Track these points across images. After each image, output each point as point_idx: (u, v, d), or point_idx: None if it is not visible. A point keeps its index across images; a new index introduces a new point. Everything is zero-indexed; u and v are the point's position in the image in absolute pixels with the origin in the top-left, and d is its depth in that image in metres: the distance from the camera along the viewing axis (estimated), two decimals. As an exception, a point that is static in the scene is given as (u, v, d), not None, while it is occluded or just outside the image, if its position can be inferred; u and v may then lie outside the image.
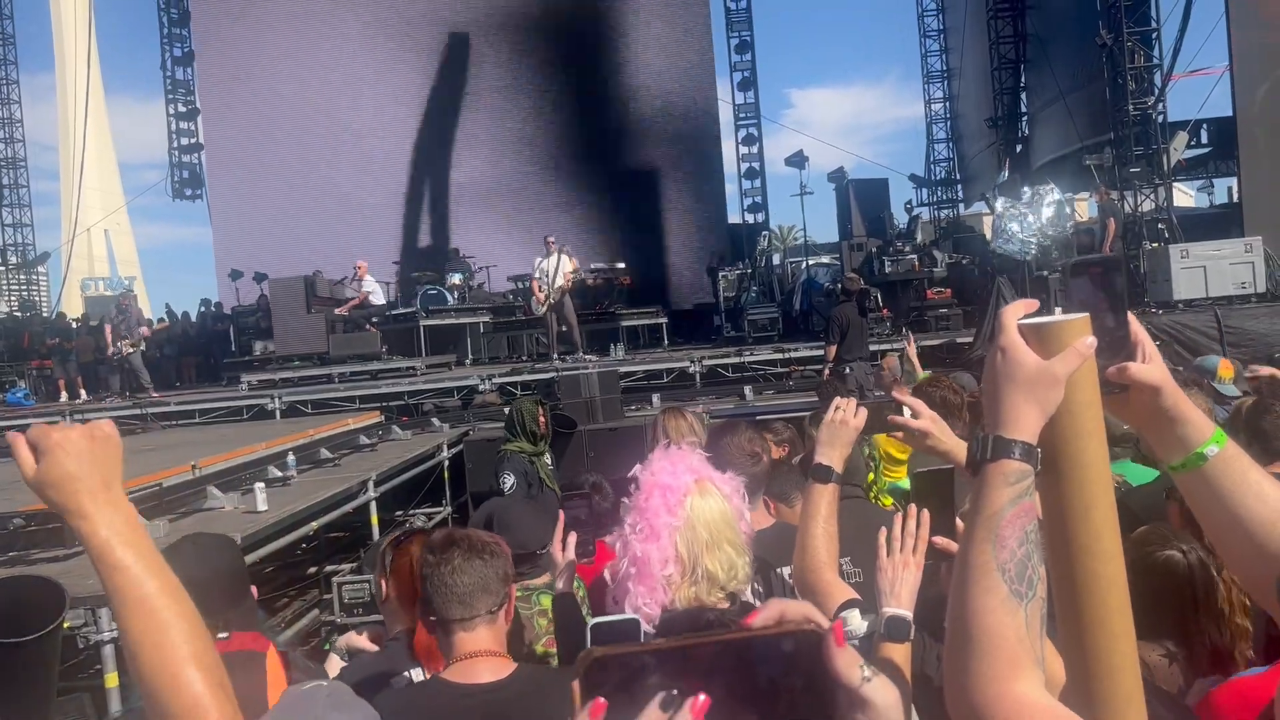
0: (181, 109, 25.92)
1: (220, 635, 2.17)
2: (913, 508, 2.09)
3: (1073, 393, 1.11)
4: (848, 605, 2.02)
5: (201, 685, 1.16)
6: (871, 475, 4.97)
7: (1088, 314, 1.13)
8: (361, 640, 2.92)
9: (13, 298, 26.03)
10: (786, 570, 2.54)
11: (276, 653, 2.23)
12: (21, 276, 26.49)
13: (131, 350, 14.83)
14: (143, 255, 78.06)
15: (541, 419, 6.56)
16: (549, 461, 6.78)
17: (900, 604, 2.02)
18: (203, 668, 1.17)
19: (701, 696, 0.69)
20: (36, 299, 27.03)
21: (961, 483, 2.34)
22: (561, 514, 2.80)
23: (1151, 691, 1.20)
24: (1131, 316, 1.21)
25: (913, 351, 6.83)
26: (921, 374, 5.93)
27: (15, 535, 4.77)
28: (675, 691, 0.70)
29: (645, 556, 2.09)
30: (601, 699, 0.71)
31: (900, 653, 1.82)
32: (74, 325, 21.04)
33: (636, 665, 0.72)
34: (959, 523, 2.16)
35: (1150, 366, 1.21)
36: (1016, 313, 1.14)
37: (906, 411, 2.29)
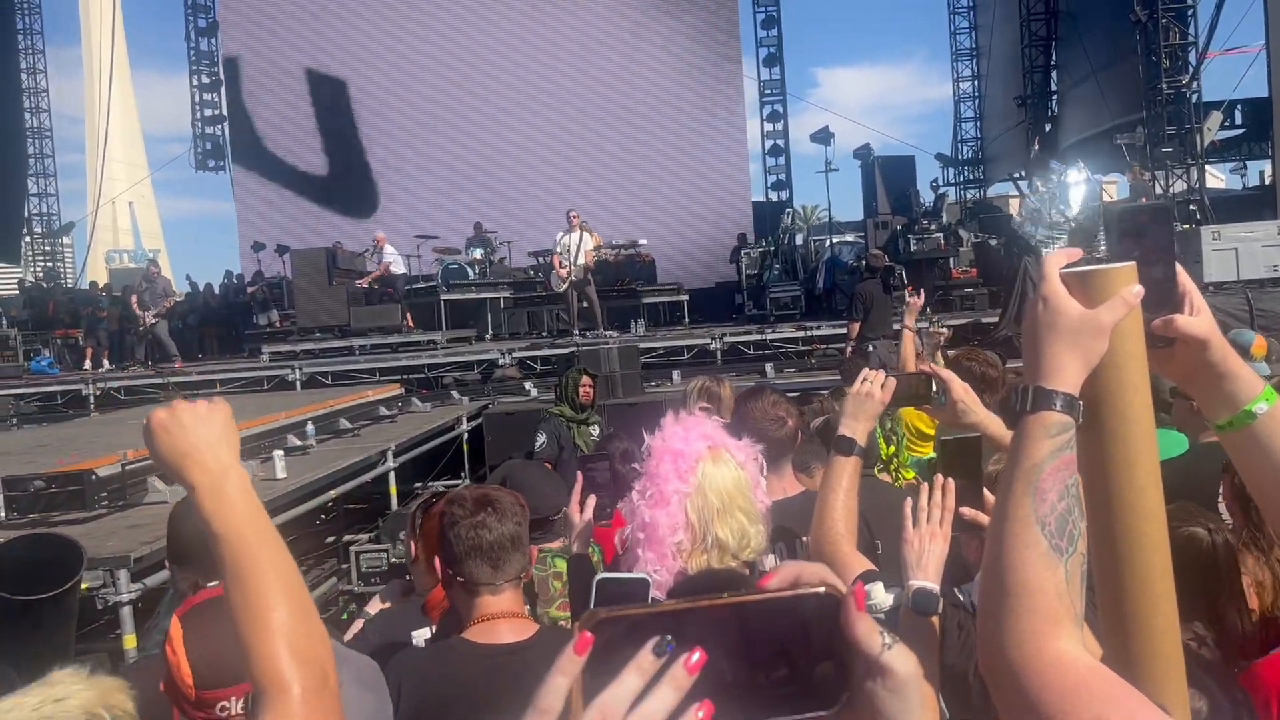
0: (205, 80, 26.02)
1: (209, 584, 2.14)
2: (939, 477, 2.04)
3: (1117, 344, 1.05)
4: (867, 577, 1.98)
5: (287, 659, 1.18)
6: (893, 449, 4.92)
7: (1134, 262, 1.07)
8: (374, 606, 2.90)
9: (38, 267, 26.26)
10: (803, 540, 2.49)
11: None
12: (46, 246, 26.70)
13: (156, 320, 14.90)
14: (167, 227, 78.63)
15: (584, 389, 6.83)
16: (595, 432, 6.91)
17: (927, 576, 1.97)
18: (292, 643, 1.19)
19: (696, 654, 0.64)
20: (61, 269, 27.25)
21: (988, 450, 2.29)
22: (580, 475, 2.77)
23: (1193, 658, 1.15)
24: (1179, 267, 1.15)
25: (913, 316, 6.68)
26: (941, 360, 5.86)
27: (37, 497, 4.80)
28: (670, 639, 0.65)
29: (654, 522, 2.05)
30: (589, 633, 0.66)
31: (927, 627, 1.78)
32: (103, 295, 21.24)
33: (642, 627, 0.66)
34: (987, 493, 2.11)
35: (1198, 319, 1.15)
36: (1059, 261, 1.09)
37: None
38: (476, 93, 24.64)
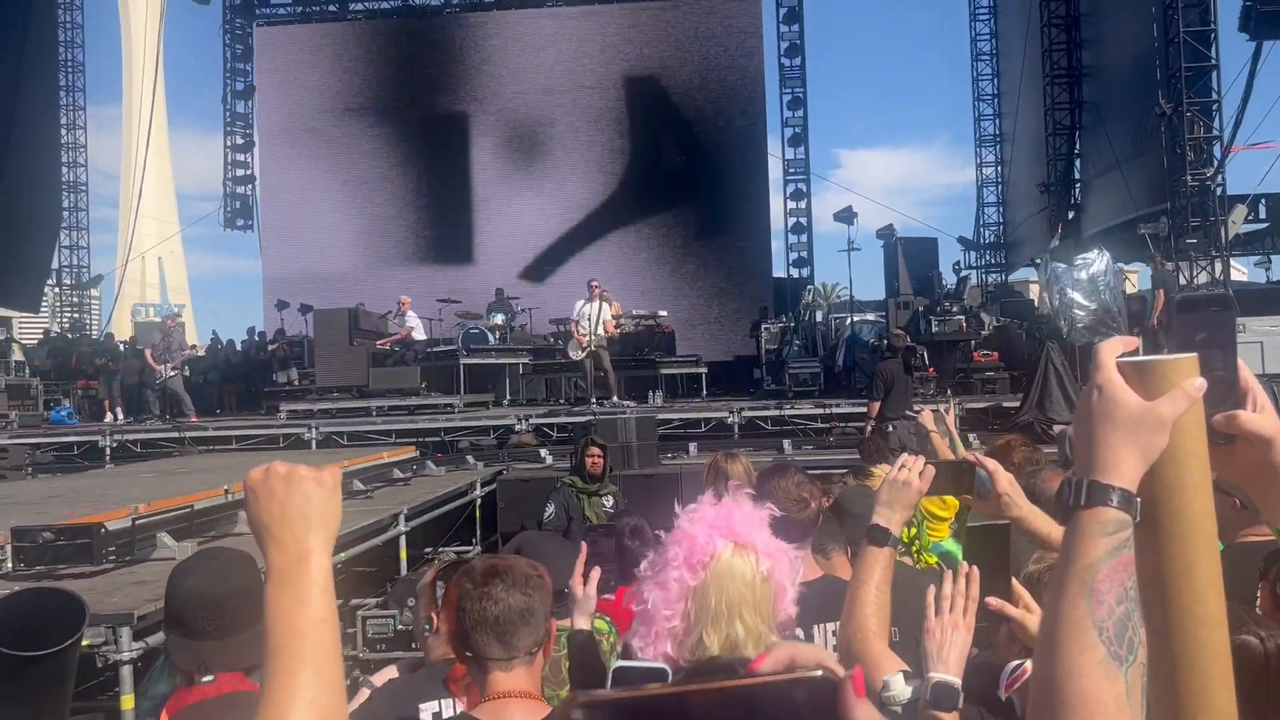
0: (239, 141, 26.61)
1: (205, 679, 2.07)
2: (963, 565, 1.97)
3: (1177, 439, 1.00)
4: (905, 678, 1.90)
5: None
6: (914, 530, 4.79)
7: (1196, 354, 1.03)
8: (387, 673, 2.81)
9: (64, 318, 26.59)
10: (832, 627, 2.40)
11: None
12: (74, 297, 27.07)
13: (172, 374, 14.98)
14: (193, 283, 79.70)
15: (591, 459, 6.71)
16: (608, 503, 6.82)
17: (948, 669, 1.89)
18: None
19: None
20: (87, 321, 27.58)
21: (1028, 546, 2.21)
22: (584, 546, 2.69)
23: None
24: (1241, 362, 1.10)
25: (951, 420, 6.60)
26: (959, 443, 5.73)
27: (45, 549, 4.75)
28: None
29: (652, 605, 1.97)
30: None
31: None
32: (121, 347, 21.41)
33: (629, 713, 0.62)
34: (1016, 584, 2.03)
35: (1263, 416, 1.09)
36: (1114, 349, 1.04)
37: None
38: (501, 163, 25.04)
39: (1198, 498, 1.01)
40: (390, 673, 2.85)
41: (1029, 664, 2.09)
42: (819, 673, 0.68)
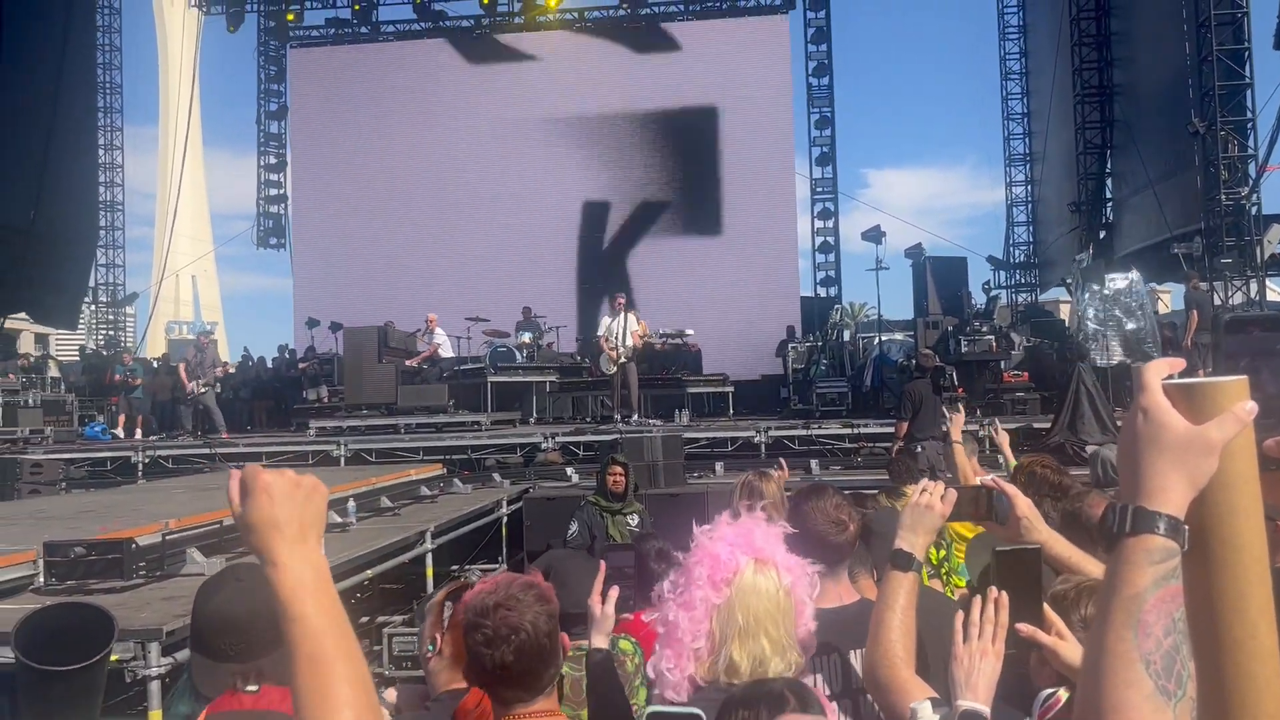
0: (272, 160, 26.96)
1: (249, 688, 2.06)
2: (992, 590, 1.93)
3: (1227, 464, 0.97)
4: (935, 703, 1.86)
5: None
6: (942, 553, 4.72)
7: (1246, 376, 0.99)
8: (389, 696, 2.76)
9: (100, 336, 26.98)
10: (858, 653, 2.36)
11: None
12: (110, 315, 27.46)
13: (204, 390, 15.10)
14: (226, 301, 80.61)
15: (612, 477, 6.70)
16: (633, 521, 6.81)
17: (976, 697, 1.85)
18: None
19: None
20: (123, 338, 27.96)
21: (1048, 571, 2.17)
22: (603, 565, 2.66)
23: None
24: None
25: (1005, 441, 6.51)
26: (1012, 462, 5.68)
27: (76, 564, 4.78)
28: None
29: (675, 623, 1.95)
30: None
31: None
32: (154, 364, 21.66)
33: None
34: (1048, 609, 1.99)
35: None
36: (1160, 371, 1.01)
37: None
38: (530, 182, 25.17)
39: (1249, 524, 0.98)
40: (390, 696, 2.81)
41: (1062, 692, 2.04)
42: None
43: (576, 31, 25.69)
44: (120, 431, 16.76)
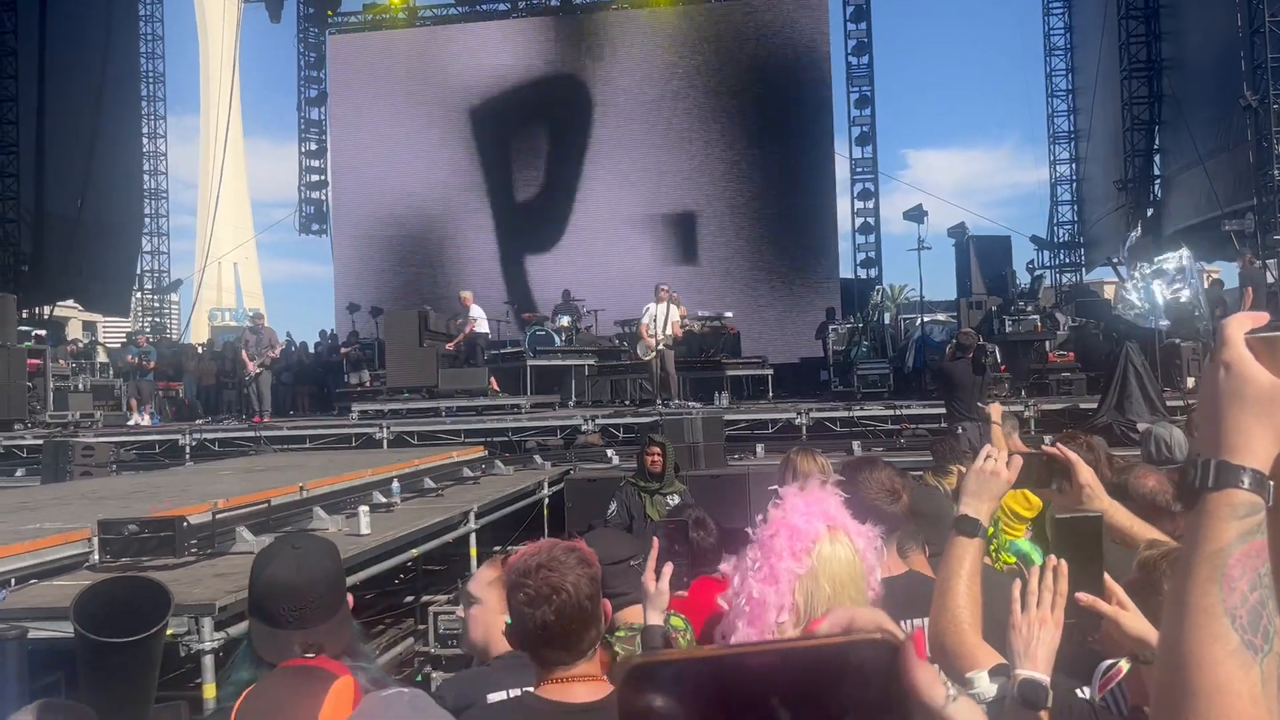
0: (313, 147, 27.19)
1: (307, 656, 2.09)
2: (1050, 558, 1.90)
3: None
4: (996, 671, 1.83)
5: None
6: (990, 529, 4.67)
7: None
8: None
9: (146, 322, 27.47)
10: (918, 622, 2.34)
11: (355, 685, 2.12)
12: (156, 302, 27.94)
13: (260, 370, 15.28)
14: (267, 288, 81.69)
15: (649, 457, 6.70)
16: (672, 502, 6.83)
17: (1036, 666, 1.82)
18: None
19: None
20: (168, 324, 28.46)
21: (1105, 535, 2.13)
22: (655, 541, 2.66)
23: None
24: None
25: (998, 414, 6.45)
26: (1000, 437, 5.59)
27: (130, 541, 4.86)
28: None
29: (762, 599, 1.94)
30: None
31: None
32: (199, 349, 22.03)
33: (684, 674, 0.62)
34: (1108, 578, 1.95)
35: None
36: (1243, 325, 0.98)
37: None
38: (569, 166, 25.18)
39: (1338, 480, 0.95)
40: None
41: (1124, 663, 2.01)
42: (879, 635, 0.66)
43: (611, 10, 25.59)
44: (138, 416, 16.83)
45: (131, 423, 16.43)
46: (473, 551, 7.48)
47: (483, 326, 16.80)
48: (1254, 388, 0.94)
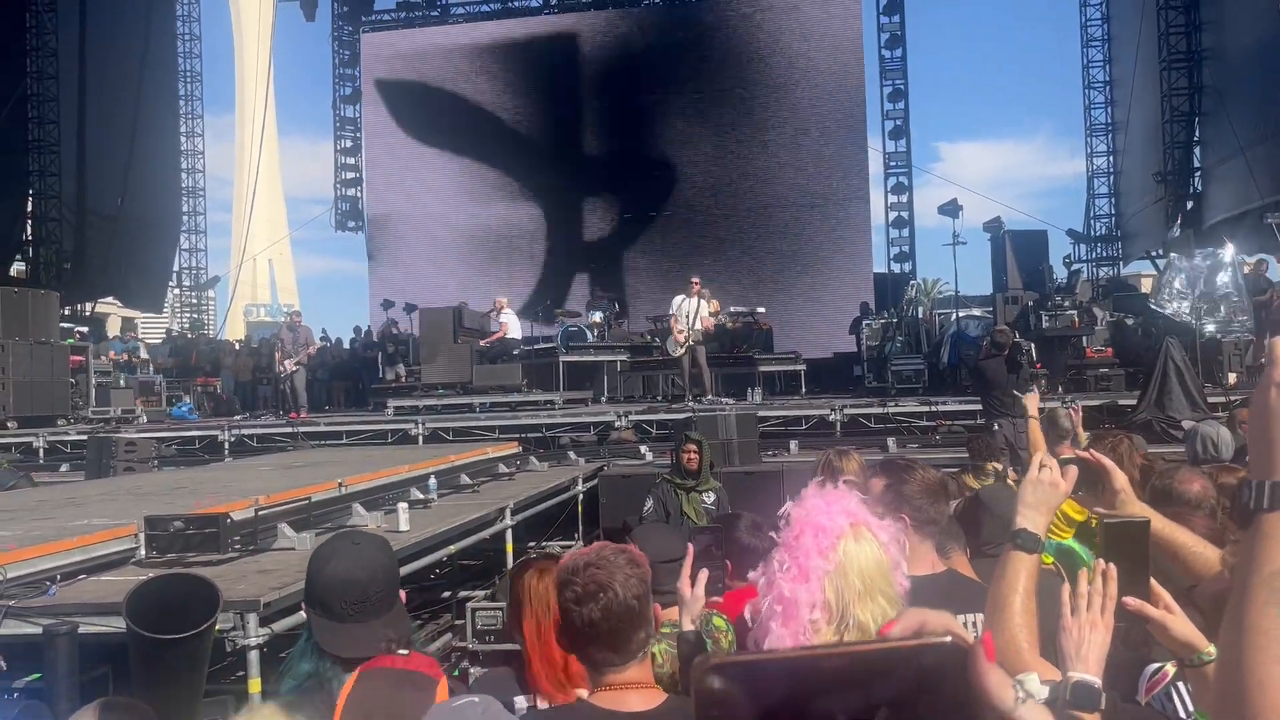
0: (347, 144, 27.41)
1: (400, 651, 2.16)
2: (1099, 562, 1.89)
3: None
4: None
5: None
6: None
7: None
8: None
9: (184, 318, 27.84)
10: (970, 619, 2.33)
11: (446, 683, 2.20)
12: (193, 299, 28.31)
13: (296, 368, 15.45)
14: (301, 284, 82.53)
15: (686, 454, 6.70)
16: (709, 499, 6.83)
17: (1088, 668, 1.81)
18: None
19: None
20: (205, 320, 28.83)
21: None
22: (690, 547, 2.67)
23: None
24: None
25: (1078, 419, 6.41)
26: (1083, 441, 5.58)
27: (175, 537, 4.94)
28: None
29: (793, 598, 1.95)
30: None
31: None
32: (236, 345, 22.32)
33: (759, 676, 0.64)
34: (1154, 584, 1.95)
35: None
36: None
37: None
38: (599, 163, 25.21)
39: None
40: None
41: (1169, 667, 2.00)
42: (949, 639, 0.67)
43: (641, 7, 25.58)
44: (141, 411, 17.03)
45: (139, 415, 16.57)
46: (509, 548, 7.53)
47: (515, 331, 16.89)
48: None
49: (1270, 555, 0.92)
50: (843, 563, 1.92)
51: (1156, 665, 2.00)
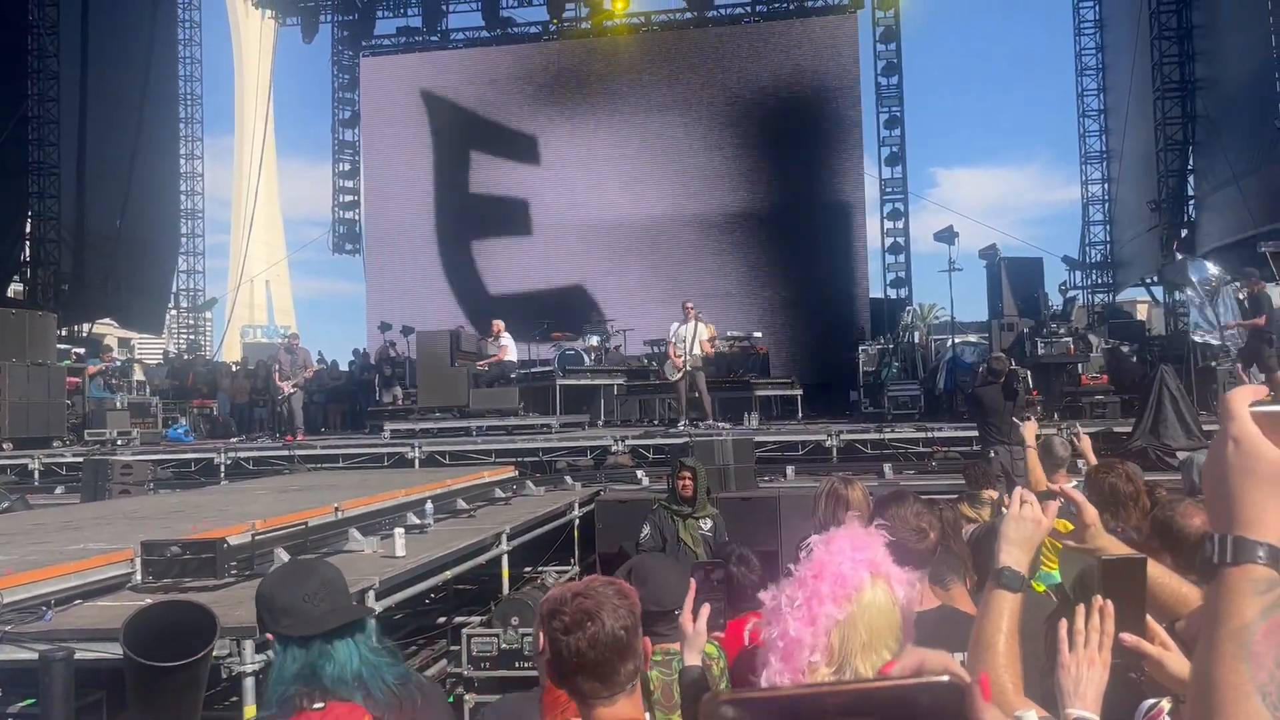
0: (345, 167, 27.52)
1: (315, 706, 2.16)
2: (1097, 599, 1.90)
3: None
4: None
5: None
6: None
7: None
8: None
9: (181, 339, 27.83)
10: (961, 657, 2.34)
11: None
12: (191, 320, 28.31)
13: (294, 390, 15.43)
14: (298, 306, 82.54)
15: (681, 481, 6.67)
16: (705, 525, 6.81)
17: (1086, 705, 1.83)
18: None
19: None
20: (202, 342, 28.81)
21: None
22: (693, 582, 2.68)
23: None
24: None
25: (1087, 445, 6.44)
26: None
27: (172, 562, 4.93)
28: None
29: (798, 639, 1.94)
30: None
31: None
32: (233, 367, 22.29)
33: (766, 711, 0.67)
34: (1151, 621, 1.96)
35: None
36: (1245, 398, 1.00)
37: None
38: (597, 188, 25.30)
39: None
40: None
41: (1164, 703, 2.01)
42: (947, 678, 0.69)
43: (643, 35, 25.78)
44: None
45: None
46: (504, 573, 7.52)
47: (512, 355, 16.91)
48: (1264, 464, 0.95)
49: (1235, 609, 0.93)
50: (854, 614, 1.90)
51: (1152, 701, 2.01)
